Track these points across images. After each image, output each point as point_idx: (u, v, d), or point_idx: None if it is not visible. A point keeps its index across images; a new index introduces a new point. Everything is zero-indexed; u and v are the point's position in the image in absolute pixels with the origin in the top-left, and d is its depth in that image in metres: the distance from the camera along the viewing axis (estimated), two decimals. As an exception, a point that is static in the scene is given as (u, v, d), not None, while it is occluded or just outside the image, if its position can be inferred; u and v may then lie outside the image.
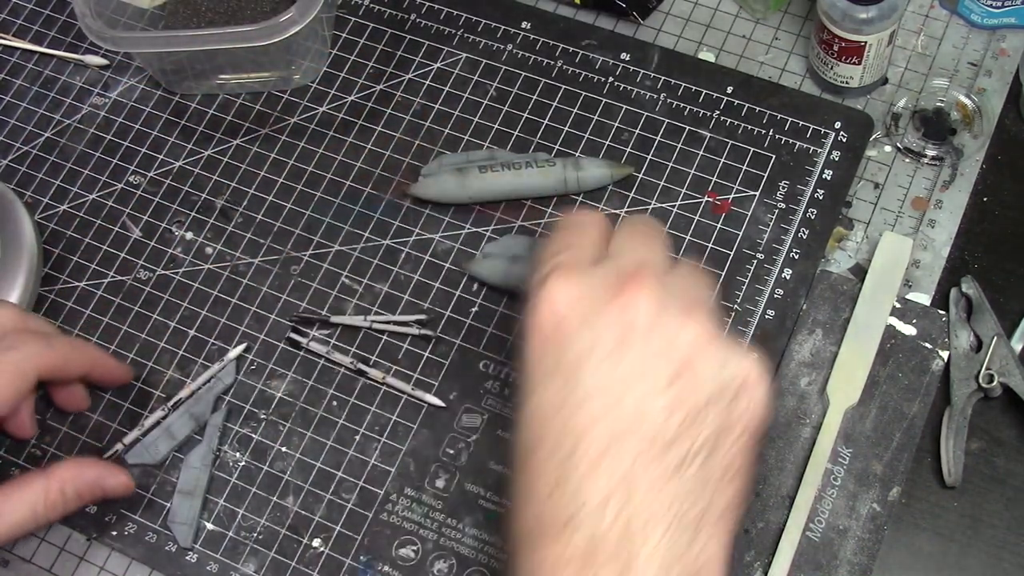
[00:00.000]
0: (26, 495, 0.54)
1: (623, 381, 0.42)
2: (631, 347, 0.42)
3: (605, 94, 0.67)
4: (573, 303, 0.43)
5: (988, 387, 0.57)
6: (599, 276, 0.44)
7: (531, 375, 0.44)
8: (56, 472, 0.55)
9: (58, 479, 0.55)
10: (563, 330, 0.43)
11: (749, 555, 0.56)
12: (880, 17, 0.60)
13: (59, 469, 0.55)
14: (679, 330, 0.43)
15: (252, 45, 0.64)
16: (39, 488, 0.54)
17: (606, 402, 0.41)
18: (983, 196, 0.63)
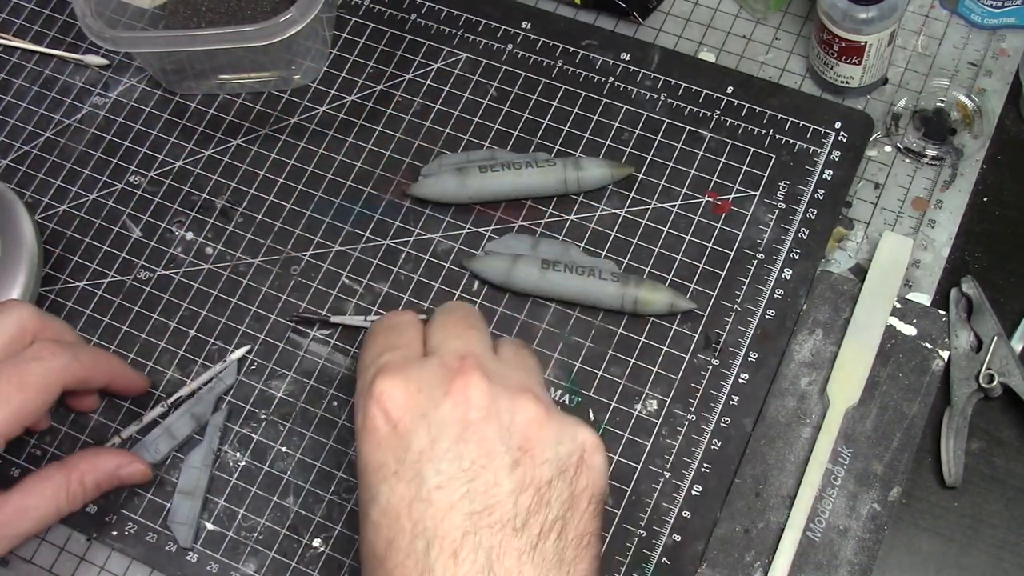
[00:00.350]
0: (48, 490, 0.54)
1: (468, 471, 0.43)
2: (470, 438, 0.43)
3: (605, 94, 0.67)
4: (405, 402, 0.44)
5: (988, 387, 0.57)
6: (426, 372, 0.45)
7: (371, 479, 0.44)
8: (75, 464, 0.55)
9: (77, 471, 0.55)
10: (400, 430, 0.44)
11: (749, 555, 0.56)
12: (880, 17, 0.60)
13: (77, 461, 0.56)
14: (513, 415, 0.44)
15: (252, 45, 0.64)
16: (60, 481, 0.54)
17: (454, 494, 0.42)
18: (983, 196, 0.63)
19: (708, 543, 0.56)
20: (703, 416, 0.59)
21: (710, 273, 0.62)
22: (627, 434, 0.59)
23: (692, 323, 0.61)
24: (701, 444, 0.58)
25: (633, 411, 0.59)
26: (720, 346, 0.60)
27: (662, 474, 0.58)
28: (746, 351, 0.60)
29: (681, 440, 0.59)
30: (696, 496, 0.57)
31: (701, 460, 0.58)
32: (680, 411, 0.59)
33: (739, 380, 0.59)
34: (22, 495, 0.53)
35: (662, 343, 0.61)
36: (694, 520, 0.57)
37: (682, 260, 0.63)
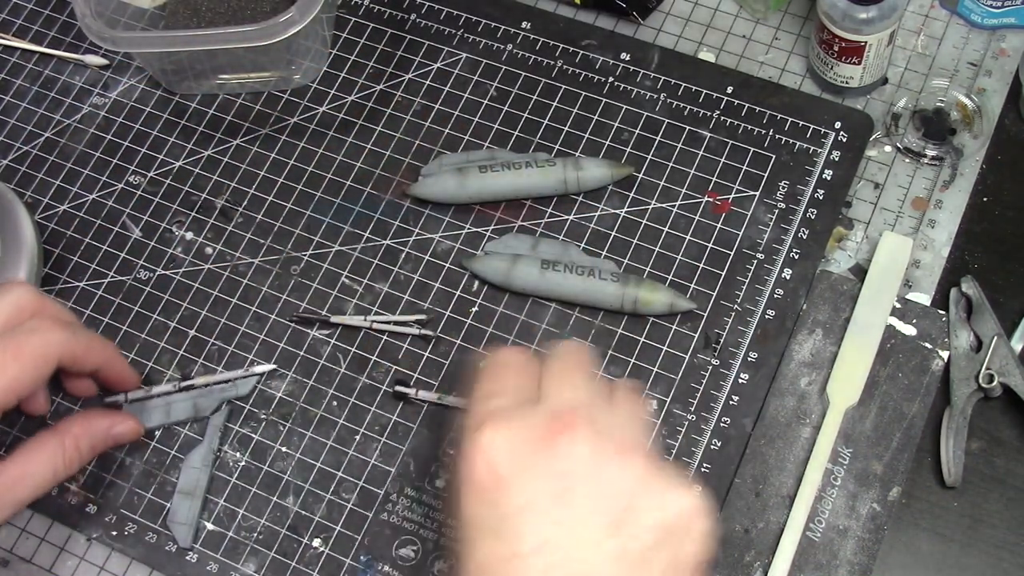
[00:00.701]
0: (44, 455, 0.54)
1: (566, 533, 0.42)
2: (571, 497, 0.42)
3: (605, 94, 0.67)
4: (509, 455, 0.43)
5: (988, 387, 0.57)
6: (532, 423, 0.44)
7: (470, 530, 0.43)
8: (68, 428, 0.55)
9: (71, 435, 0.55)
10: (501, 484, 0.43)
11: (749, 555, 0.56)
12: (880, 17, 0.60)
13: (70, 425, 0.56)
14: (617, 474, 0.43)
15: (252, 45, 0.64)
16: (56, 446, 0.54)
17: (551, 557, 0.41)
18: (983, 196, 0.63)
19: (708, 543, 0.56)
20: (703, 416, 0.59)
21: (710, 273, 0.62)
22: (627, 434, 0.59)
23: (692, 323, 0.61)
24: (701, 444, 0.58)
25: (633, 411, 0.59)
26: (720, 346, 0.60)
27: (662, 474, 0.58)
28: (746, 351, 0.60)
29: (681, 440, 0.59)
30: (696, 496, 0.57)
31: (701, 460, 0.58)
32: (680, 411, 0.59)
33: (739, 380, 0.59)
34: (19, 462, 0.53)
35: (662, 343, 0.61)
36: (694, 520, 0.57)
37: (682, 260, 0.63)
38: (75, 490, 0.61)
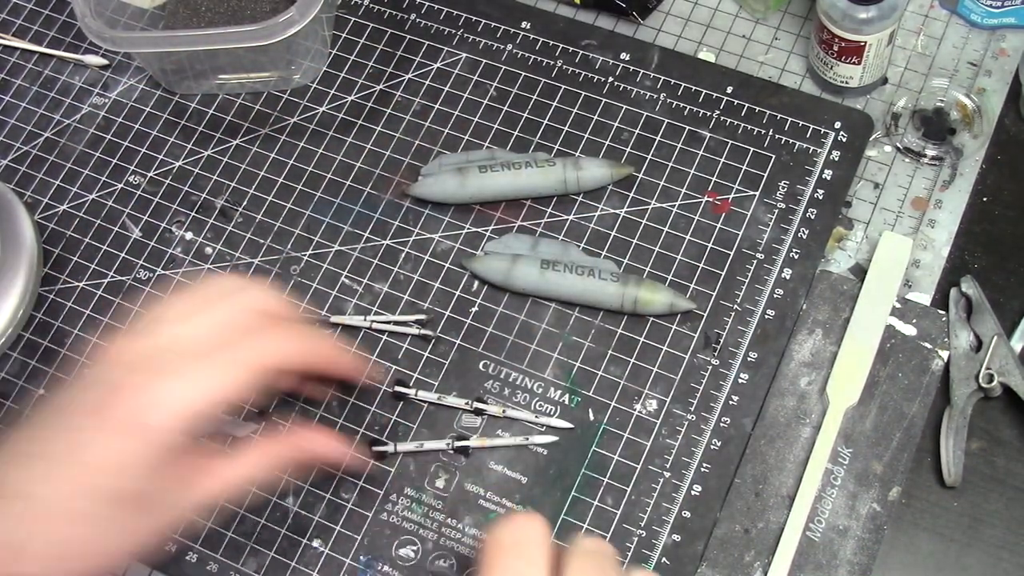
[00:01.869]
0: (255, 468, 0.53)
1: None
2: None
3: (605, 94, 0.67)
4: None
5: (988, 387, 0.57)
6: None
7: None
8: (282, 445, 0.54)
9: (283, 456, 0.54)
10: None
11: (749, 555, 0.56)
12: (880, 17, 0.60)
13: (285, 443, 0.54)
14: None
15: (252, 45, 0.64)
16: (268, 462, 0.53)
17: None
18: (983, 196, 0.63)
19: (708, 543, 0.56)
20: (703, 416, 0.59)
21: (710, 273, 0.62)
22: (627, 434, 0.59)
23: (692, 323, 0.61)
24: (701, 444, 0.58)
25: (633, 411, 0.59)
26: (720, 346, 0.60)
27: (662, 474, 0.58)
28: (746, 351, 0.60)
29: (681, 440, 0.59)
30: (696, 496, 0.57)
31: (701, 460, 0.58)
32: (680, 411, 0.59)
33: (739, 380, 0.59)
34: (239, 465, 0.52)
35: (662, 343, 0.61)
36: (694, 520, 0.57)
37: (682, 260, 0.63)
38: (75, 490, 0.61)
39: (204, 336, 0.50)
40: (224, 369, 0.49)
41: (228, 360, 0.49)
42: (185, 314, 0.51)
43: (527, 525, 0.44)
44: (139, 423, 0.47)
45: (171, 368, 0.48)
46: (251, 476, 0.52)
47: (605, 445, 0.59)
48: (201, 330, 0.50)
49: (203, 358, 0.49)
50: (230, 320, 0.51)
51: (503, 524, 0.45)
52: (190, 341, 0.49)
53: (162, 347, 0.49)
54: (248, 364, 0.50)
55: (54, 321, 0.65)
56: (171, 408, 0.47)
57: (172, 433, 0.47)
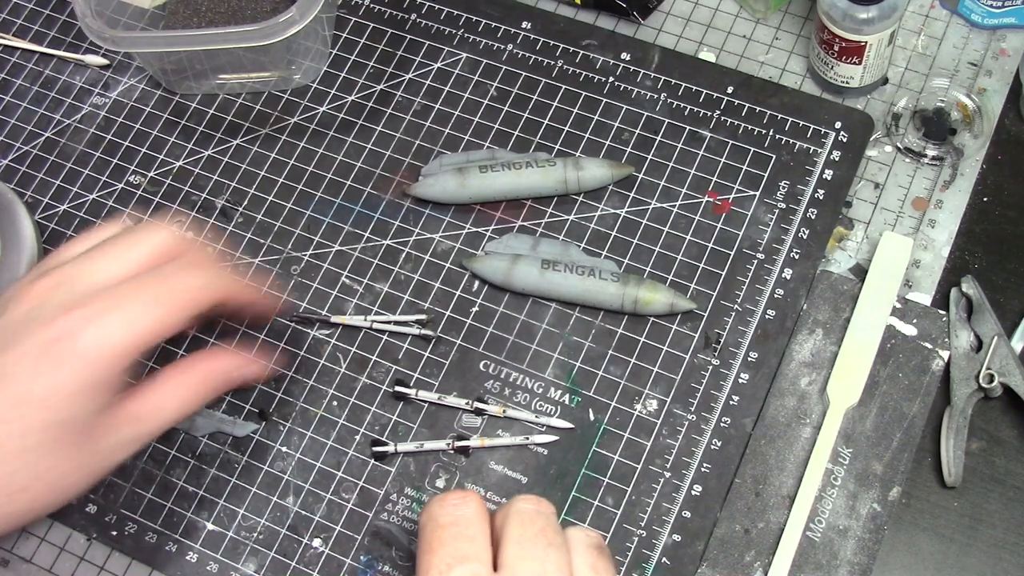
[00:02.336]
0: (177, 391, 0.53)
1: None
2: None
3: (605, 94, 0.67)
4: None
5: (988, 387, 0.57)
6: None
7: None
8: (198, 365, 0.54)
9: (201, 372, 0.54)
10: None
11: (749, 555, 0.56)
12: (880, 17, 0.60)
13: (200, 362, 0.55)
14: None
15: (252, 45, 0.64)
16: (187, 382, 0.54)
17: None
18: (983, 196, 0.63)
19: (708, 543, 0.56)
20: (703, 416, 0.59)
21: (710, 273, 0.62)
22: (627, 434, 0.59)
23: (692, 323, 0.61)
24: (701, 444, 0.58)
25: (633, 411, 0.59)
26: (720, 346, 0.60)
27: (662, 474, 0.58)
28: (746, 351, 0.60)
29: (681, 440, 0.59)
30: (696, 496, 0.57)
31: (701, 460, 0.58)
32: (680, 411, 0.59)
33: (739, 380, 0.59)
34: (154, 394, 0.52)
35: (662, 343, 0.61)
36: (694, 520, 0.57)
37: (682, 260, 0.63)
38: (75, 490, 0.61)
39: (123, 273, 0.50)
40: (151, 305, 0.49)
41: (153, 297, 0.50)
42: (98, 254, 0.51)
43: (463, 502, 0.45)
44: (78, 355, 0.47)
45: (102, 305, 0.48)
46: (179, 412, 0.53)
47: (605, 445, 0.59)
48: (118, 267, 0.51)
49: (131, 295, 0.49)
50: (145, 258, 0.52)
51: (438, 503, 0.45)
52: (112, 277, 0.50)
53: (84, 284, 0.50)
54: (173, 300, 0.50)
55: (54, 321, 0.65)
56: (107, 343, 0.48)
57: (109, 368, 0.48)
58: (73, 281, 0.50)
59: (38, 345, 0.47)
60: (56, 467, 0.48)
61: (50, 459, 0.48)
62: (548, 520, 0.45)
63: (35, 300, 0.49)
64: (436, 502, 0.45)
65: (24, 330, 0.48)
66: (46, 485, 0.48)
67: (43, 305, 0.49)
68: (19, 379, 0.47)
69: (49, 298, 0.49)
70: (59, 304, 0.49)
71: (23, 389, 0.47)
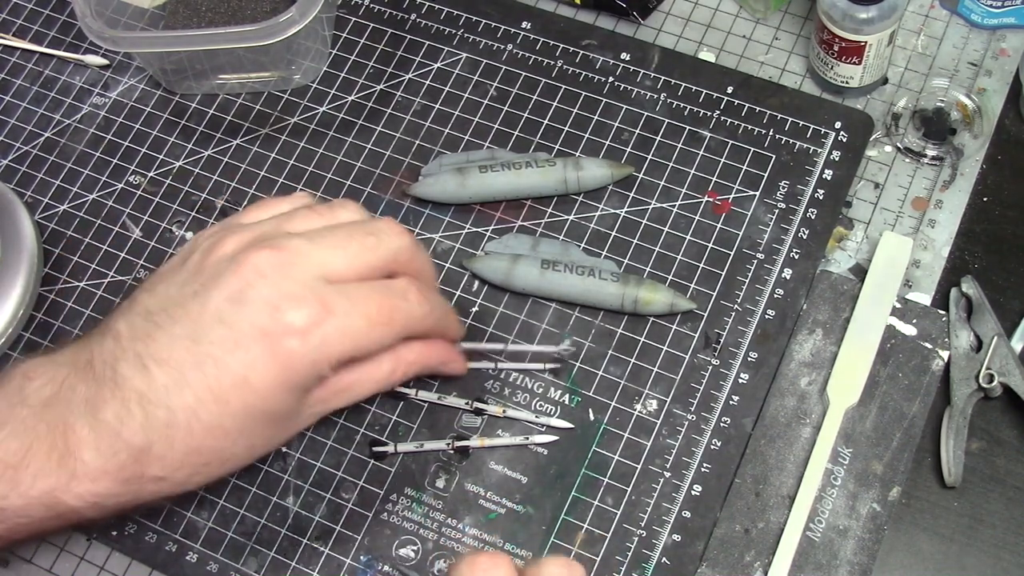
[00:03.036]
0: (380, 372, 0.53)
1: None
2: None
3: (605, 94, 0.67)
4: None
5: (988, 387, 0.57)
6: None
7: None
8: (406, 354, 0.54)
9: (406, 361, 0.54)
10: None
11: (749, 555, 0.56)
12: (880, 17, 0.60)
13: (408, 351, 0.54)
14: None
15: (252, 45, 0.64)
16: (390, 368, 0.53)
17: None
18: (983, 196, 0.63)
19: (708, 543, 0.56)
20: (703, 416, 0.59)
21: (710, 273, 0.62)
22: (627, 434, 0.59)
23: (692, 323, 0.61)
24: (701, 444, 0.58)
25: (633, 411, 0.59)
26: (720, 346, 0.60)
27: (662, 474, 0.58)
28: (746, 351, 0.60)
29: (681, 440, 0.59)
30: (696, 496, 0.57)
31: (701, 460, 0.58)
32: (680, 411, 0.59)
33: (739, 380, 0.59)
34: (360, 369, 0.52)
35: (662, 343, 0.61)
36: (694, 520, 0.57)
37: (682, 260, 0.63)
38: (75, 490, 0.61)
39: (345, 271, 0.49)
40: (375, 324, 0.48)
41: (382, 315, 0.48)
42: (331, 241, 0.49)
43: (494, 568, 0.43)
44: (295, 356, 0.46)
45: (328, 309, 0.47)
46: (361, 380, 0.52)
47: (605, 445, 0.59)
48: (342, 263, 0.49)
49: (360, 305, 0.48)
50: (378, 263, 0.50)
51: (468, 568, 0.43)
52: (337, 273, 0.48)
53: (312, 273, 0.48)
54: (398, 323, 0.49)
55: (54, 321, 0.65)
56: (324, 351, 0.47)
57: (319, 373, 0.47)
58: (301, 264, 0.48)
59: (258, 329, 0.46)
60: (251, 447, 0.48)
61: (248, 439, 0.48)
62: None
63: (258, 269, 0.47)
64: (466, 566, 0.44)
65: (246, 303, 0.47)
66: (223, 459, 0.48)
67: (252, 271, 0.47)
68: (237, 361, 0.46)
69: (275, 275, 0.47)
70: (286, 291, 0.47)
71: (239, 372, 0.46)
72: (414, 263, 0.53)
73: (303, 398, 0.50)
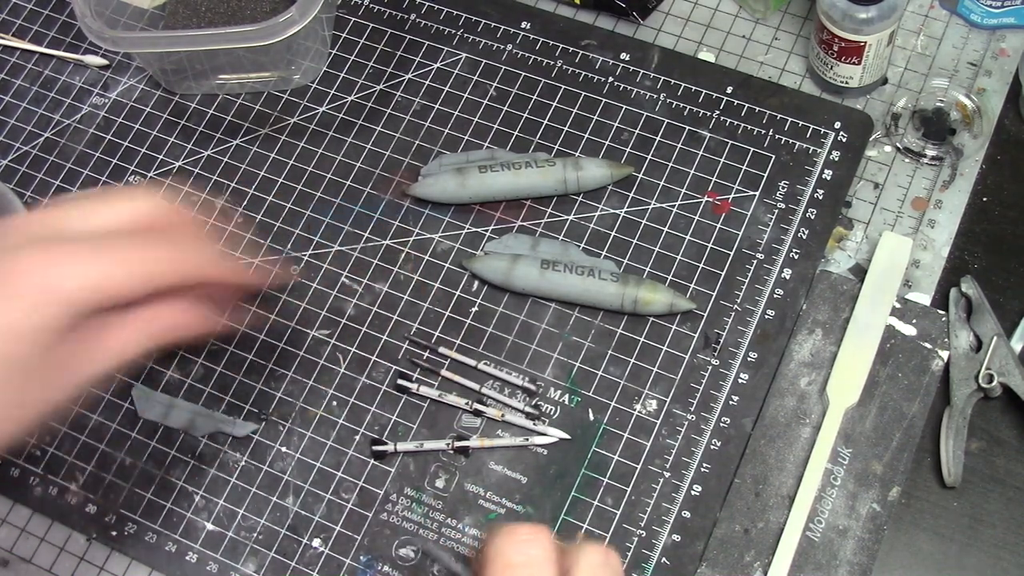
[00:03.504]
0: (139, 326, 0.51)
1: None
2: None
3: (605, 94, 0.67)
4: None
5: (988, 387, 0.57)
6: None
7: None
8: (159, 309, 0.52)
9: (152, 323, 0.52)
10: None
11: (749, 555, 0.56)
12: (880, 17, 0.60)
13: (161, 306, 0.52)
14: None
15: (252, 45, 0.64)
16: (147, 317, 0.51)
17: None
18: (983, 196, 0.63)
19: (708, 543, 0.56)
20: (703, 416, 0.59)
21: (710, 273, 0.62)
22: (627, 434, 0.59)
23: (692, 323, 0.61)
24: (701, 444, 0.58)
25: (633, 411, 0.59)
26: (720, 346, 0.60)
27: (662, 474, 0.58)
28: (746, 351, 0.60)
29: (681, 440, 0.59)
30: (696, 496, 0.57)
31: (701, 460, 0.58)
32: (680, 411, 0.59)
33: (739, 380, 0.59)
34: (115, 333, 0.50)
35: (662, 343, 0.61)
36: (694, 520, 0.57)
37: (682, 260, 0.63)
38: (75, 490, 0.61)
39: (102, 226, 0.50)
40: (114, 264, 0.48)
41: (120, 256, 0.49)
42: (81, 204, 0.50)
43: (535, 542, 0.43)
44: (27, 294, 0.46)
45: (63, 251, 0.47)
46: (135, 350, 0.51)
47: (605, 445, 0.59)
48: (98, 220, 0.50)
49: (97, 248, 0.48)
50: (125, 217, 0.51)
51: (509, 541, 0.43)
52: (89, 228, 0.49)
53: (57, 229, 0.49)
54: (139, 266, 0.49)
55: (54, 321, 0.65)
56: (60, 287, 0.47)
57: (57, 314, 0.47)
58: (50, 224, 0.49)
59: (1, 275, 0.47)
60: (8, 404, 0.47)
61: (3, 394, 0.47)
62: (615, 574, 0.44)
63: (17, 228, 0.49)
64: (506, 537, 0.43)
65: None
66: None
67: (21, 235, 0.48)
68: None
69: (24, 234, 0.48)
70: (26, 242, 0.48)
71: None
72: (172, 222, 0.52)
73: (56, 347, 0.48)
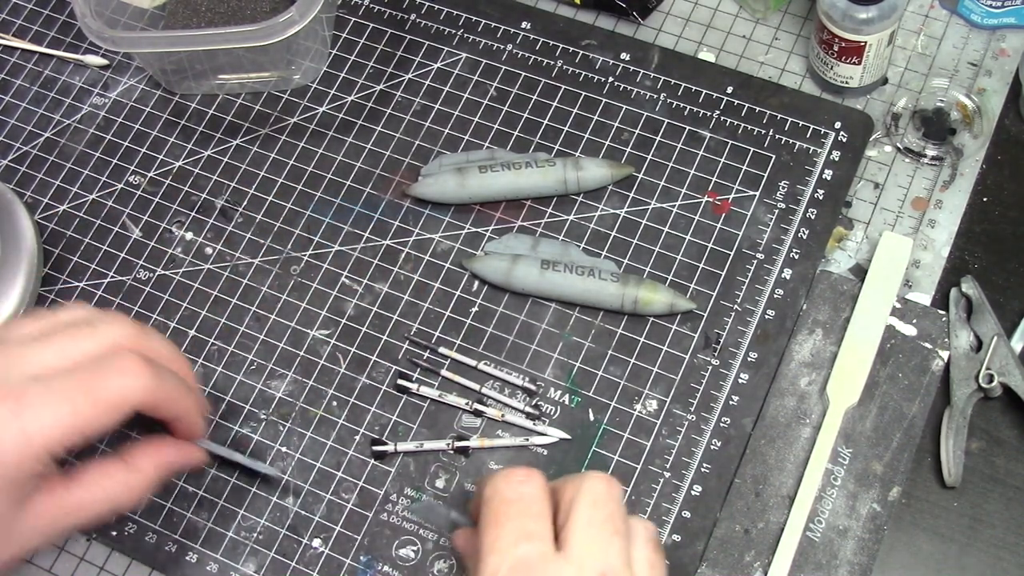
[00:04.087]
0: (110, 484, 0.51)
1: None
2: None
3: (605, 94, 0.67)
4: None
5: (988, 387, 0.57)
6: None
7: None
8: (137, 458, 0.52)
9: (139, 466, 0.51)
10: None
11: (749, 555, 0.56)
12: (880, 17, 0.60)
13: (139, 455, 0.52)
14: None
15: (252, 45, 0.64)
16: (122, 476, 0.51)
17: None
18: (983, 196, 0.63)
19: (708, 543, 0.56)
20: (703, 416, 0.59)
21: (710, 273, 0.62)
22: (627, 434, 0.59)
23: (692, 323, 0.61)
24: (701, 444, 0.58)
25: (633, 411, 0.59)
26: (720, 346, 0.60)
27: (662, 474, 0.58)
28: (746, 351, 0.60)
29: (681, 440, 0.59)
30: (696, 496, 0.57)
31: (701, 460, 0.58)
32: (680, 411, 0.59)
33: (739, 380, 0.59)
34: (84, 486, 0.50)
35: (662, 343, 0.61)
36: (694, 520, 0.57)
37: (682, 260, 0.63)
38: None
39: (58, 364, 0.48)
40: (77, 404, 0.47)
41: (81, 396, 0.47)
42: (42, 343, 0.49)
43: (529, 481, 0.44)
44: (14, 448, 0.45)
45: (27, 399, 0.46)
46: (92, 500, 0.50)
47: (605, 445, 0.59)
48: (53, 357, 0.48)
49: (59, 391, 0.47)
50: (92, 350, 0.49)
51: (505, 481, 0.44)
52: (49, 368, 0.47)
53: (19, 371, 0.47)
54: (103, 401, 0.48)
55: (54, 321, 0.65)
56: (25, 442, 0.45)
57: (22, 467, 0.45)
58: (9, 365, 0.47)
59: None
60: None
61: None
62: (617, 504, 0.44)
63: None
64: (501, 477, 0.44)
65: None
66: None
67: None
68: None
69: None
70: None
71: None
72: (141, 346, 0.51)
73: (20, 503, 0.47)
